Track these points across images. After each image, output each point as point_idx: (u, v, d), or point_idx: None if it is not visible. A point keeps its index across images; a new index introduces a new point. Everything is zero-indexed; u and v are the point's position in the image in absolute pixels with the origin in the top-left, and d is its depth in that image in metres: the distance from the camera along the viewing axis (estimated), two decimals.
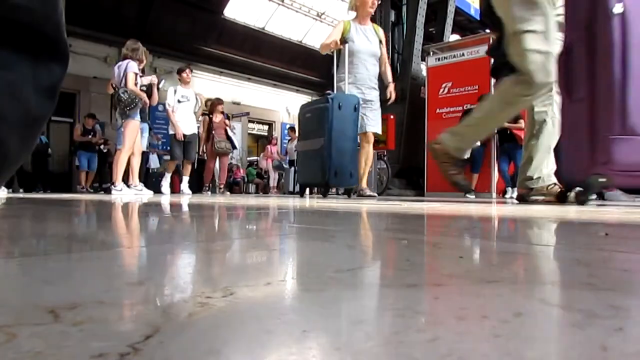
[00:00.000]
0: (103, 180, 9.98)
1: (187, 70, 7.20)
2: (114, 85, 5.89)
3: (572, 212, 2.15)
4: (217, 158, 8.35)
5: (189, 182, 7.53)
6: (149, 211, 2.33)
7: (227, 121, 8.49)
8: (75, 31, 10.30)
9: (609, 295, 0.47)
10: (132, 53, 5.82)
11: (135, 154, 5.96)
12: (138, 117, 5.84)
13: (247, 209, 2.39)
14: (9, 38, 0.44)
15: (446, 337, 0.32)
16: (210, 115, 8.36)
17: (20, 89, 0.46)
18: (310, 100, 8.21)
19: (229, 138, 8.37)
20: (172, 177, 8.88)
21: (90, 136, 9.63)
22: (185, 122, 7.03)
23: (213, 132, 8.25)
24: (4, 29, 0.44)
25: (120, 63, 5.88)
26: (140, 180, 6.76)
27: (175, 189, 9.05)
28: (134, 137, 5.84)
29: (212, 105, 8.44)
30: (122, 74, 5.76)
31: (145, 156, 7.16)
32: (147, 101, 6.03)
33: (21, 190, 8.38)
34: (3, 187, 6.08)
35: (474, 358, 0.28)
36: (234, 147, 8.68)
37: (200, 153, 8.64)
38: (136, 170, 6.14)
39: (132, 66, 5.77)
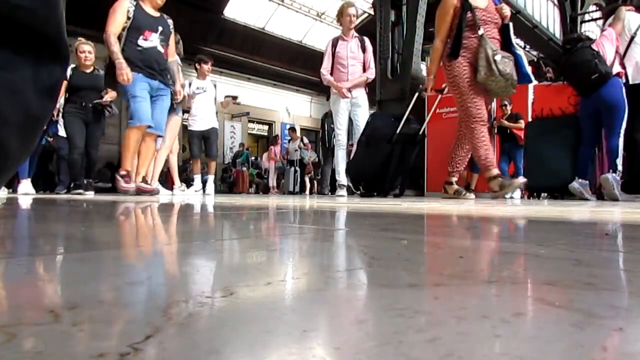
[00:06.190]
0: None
1: (210, 64, 6.18)
2: None
3: (571, 211, 2.15)
4: None
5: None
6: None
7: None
8: (75, 31, 10.30)
9: (609, 295, 0.47)
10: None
11: (173, 152, 5.67)
12: (180, 112, 5.48)
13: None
14: (10, 38, 0.44)
15: (446, 337, 0.32)
16: None
17: (20, 89, 0.46)
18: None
19: None
20: (167, 176, 8.47)
21: None
22: (202, 115, 6.04)
23: None
24: (5, 29, 0.44)
25: None
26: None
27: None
28: (174, 134, 5.53)
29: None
30: None
31: None
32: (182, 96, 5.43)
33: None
34: (3, 187, 6.03)
35: (474, 358, 0.28)
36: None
37: None
38: (175, 170, 5.89)
39: None
